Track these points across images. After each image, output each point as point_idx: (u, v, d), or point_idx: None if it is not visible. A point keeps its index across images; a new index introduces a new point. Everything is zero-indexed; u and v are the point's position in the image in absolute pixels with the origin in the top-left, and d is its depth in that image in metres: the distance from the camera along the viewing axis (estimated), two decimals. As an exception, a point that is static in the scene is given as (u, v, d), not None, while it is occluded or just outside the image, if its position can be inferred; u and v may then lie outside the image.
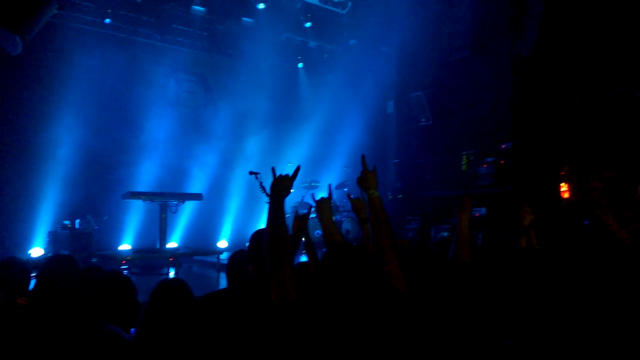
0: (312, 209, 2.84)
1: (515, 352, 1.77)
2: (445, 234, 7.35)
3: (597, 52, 6.35)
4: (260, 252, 2.14)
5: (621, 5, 6.11)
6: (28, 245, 7.65)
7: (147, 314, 2.05)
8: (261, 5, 9.46)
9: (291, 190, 2.05)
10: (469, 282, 2.09)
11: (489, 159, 8.02)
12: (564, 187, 6.45)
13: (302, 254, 8.53)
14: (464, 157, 8.52)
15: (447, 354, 1.90)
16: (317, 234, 7.42)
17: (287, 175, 2.01)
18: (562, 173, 6.52)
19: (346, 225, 8.91)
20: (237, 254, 2.95)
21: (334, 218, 3.40)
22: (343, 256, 1.75)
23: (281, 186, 1.97)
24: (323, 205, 2.69)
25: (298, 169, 2.09)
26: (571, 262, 2.10)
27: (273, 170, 2.09)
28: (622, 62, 6.08)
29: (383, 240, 2.04)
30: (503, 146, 7.91)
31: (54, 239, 7.70)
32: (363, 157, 2.30)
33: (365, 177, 2.22)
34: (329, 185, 2.86)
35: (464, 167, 8.53)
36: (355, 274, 1.68)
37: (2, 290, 2.46)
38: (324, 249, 2.23)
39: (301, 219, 2.59)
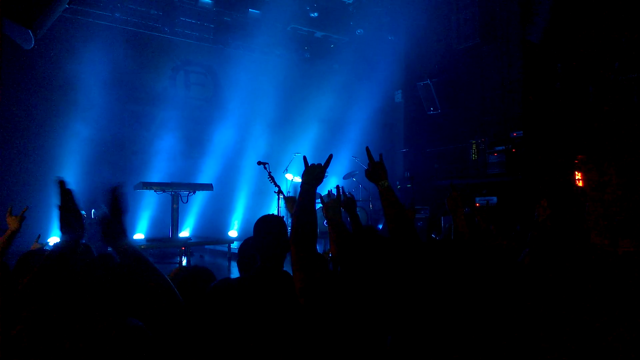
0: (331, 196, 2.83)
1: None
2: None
3: (610, 36, 6.21)
4: (265, 242, 2.16)
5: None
6: (46, 235, 7.82)
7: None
8: (268, -4, 9.45)
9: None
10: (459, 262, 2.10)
11: (500, 148, 7.95)
12: (578, 175, 6.34)
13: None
14: (474, 145, 8.45)
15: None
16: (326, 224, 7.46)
17: (319, 164, 1.98)
18: (576, 162, 6.40)
19: (355, 215, 8.92)
20: (247, 243, 3.00)
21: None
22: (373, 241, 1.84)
23: (313, 174, 1.94)
24: (331, 205, 2.62)
25: (330, 157, 2.04)
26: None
27: (305, 159, 2.04)
28: (637, 45, 5.93)
29: (400, 227, 2.01)
30: (514, 134, 7.84)
31: (70, 229, 7.86)
32: (367, 149, 2.24)
33: (373, 168, 2.16)
34: (338, 186, 2.78)
35: (473, 156, 8.48)
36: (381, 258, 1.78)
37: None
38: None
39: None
